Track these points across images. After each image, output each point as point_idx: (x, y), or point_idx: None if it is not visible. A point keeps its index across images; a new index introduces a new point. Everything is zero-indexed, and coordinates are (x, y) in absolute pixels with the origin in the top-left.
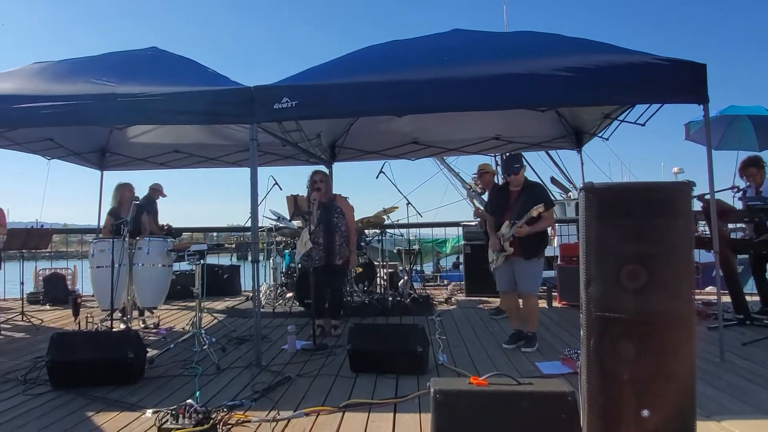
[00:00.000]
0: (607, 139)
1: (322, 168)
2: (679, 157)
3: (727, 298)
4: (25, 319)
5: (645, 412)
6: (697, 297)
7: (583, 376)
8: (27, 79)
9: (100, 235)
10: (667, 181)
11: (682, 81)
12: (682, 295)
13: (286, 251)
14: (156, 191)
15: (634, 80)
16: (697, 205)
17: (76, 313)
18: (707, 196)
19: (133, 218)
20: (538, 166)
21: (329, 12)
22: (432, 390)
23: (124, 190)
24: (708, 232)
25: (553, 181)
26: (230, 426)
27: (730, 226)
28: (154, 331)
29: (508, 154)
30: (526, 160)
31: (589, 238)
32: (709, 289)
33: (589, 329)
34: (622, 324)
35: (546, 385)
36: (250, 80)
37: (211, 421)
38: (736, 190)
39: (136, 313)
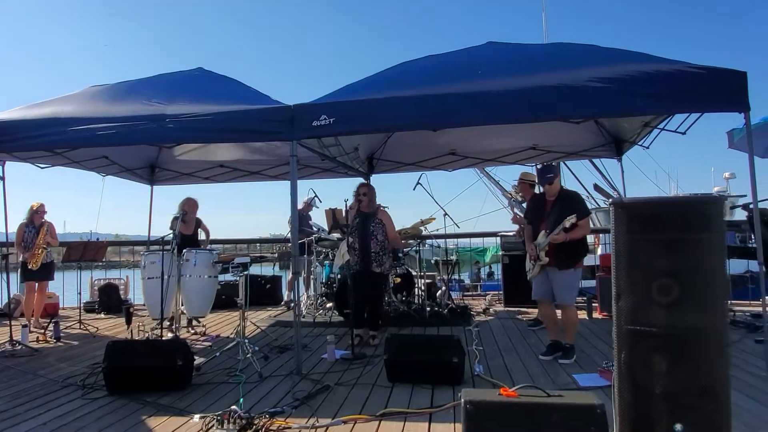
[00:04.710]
0: (647, 148)
1: (364, 181)
2: (730, 162)
3: None
4: (82, 327)
5: (678, 427)
6: (745, 309)
7: (615, 389)
8: (85, 101)
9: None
10: (705, 193)
11: (721, 89)
12: (716, 310)
13: (326, 262)
14: (308, 206)
15: (671, 90)
16: (743, 215)
17: (128, 322)
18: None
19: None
20: (581, 173)
21: (367, 27)
22: (463, 401)
23: (192, 204)
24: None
25: (596, 188)
26: None
27: None
28: (202, 339)
29: (542, 164)
30: (568, 168)
31: (619, 252)
32: None
33: (620, 342)
34: (654, 338)
35: (576, 398)
36: (289, 97)
37: (254, 427)
38: None
39: (184, 323)
